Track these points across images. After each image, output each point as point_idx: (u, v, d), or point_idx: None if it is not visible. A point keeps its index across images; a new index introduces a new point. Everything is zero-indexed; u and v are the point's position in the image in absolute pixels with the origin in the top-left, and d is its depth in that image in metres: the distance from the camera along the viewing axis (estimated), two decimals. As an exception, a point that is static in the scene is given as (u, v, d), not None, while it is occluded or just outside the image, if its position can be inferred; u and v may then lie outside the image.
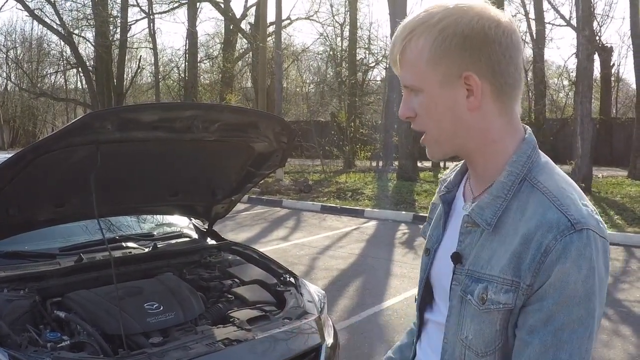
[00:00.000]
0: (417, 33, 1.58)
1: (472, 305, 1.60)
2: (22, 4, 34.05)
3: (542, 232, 1.49)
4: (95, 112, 3.47)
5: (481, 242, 1.62)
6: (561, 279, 1.46)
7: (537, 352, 1.48)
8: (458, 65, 1.56)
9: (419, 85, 1.61)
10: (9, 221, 4.01)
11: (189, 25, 33.96)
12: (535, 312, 1.49)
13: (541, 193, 1.57)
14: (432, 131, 1.65)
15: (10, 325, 3.53)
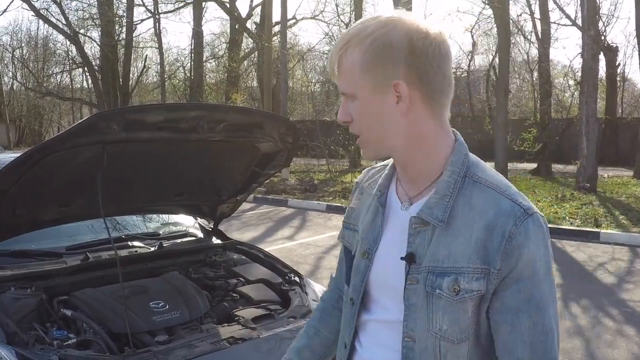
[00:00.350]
0: (352, 44, 1.71)
1: (443, 298, 1.70)
2: (28, 3, 34.13)
3: (502, 220, 1.67)
4: (101, 112, 3.50)
5: (435, 240, 1.73)
6: (530, 260, 1.67)
7: (529, 328, 1.68)
8: (388, 74, 1.69)
9: (353, 92, 1.73)
10: (16, 221, 4.04)
11: (195, 25, 34.04)
12: (515, 294, 1.68)
13: (486, 187, 1.74)
14: (365, 134, 1.78)
15: (17, 323, 3.56)
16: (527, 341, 1.68)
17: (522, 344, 1.69)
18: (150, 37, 40.22)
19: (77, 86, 50.51)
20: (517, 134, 23.58)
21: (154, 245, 5.07)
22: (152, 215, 5.70)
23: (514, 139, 22.79)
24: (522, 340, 1.69)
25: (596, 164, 18.80)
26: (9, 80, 49.55)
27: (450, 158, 1.78)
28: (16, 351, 3.25)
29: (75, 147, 3.53)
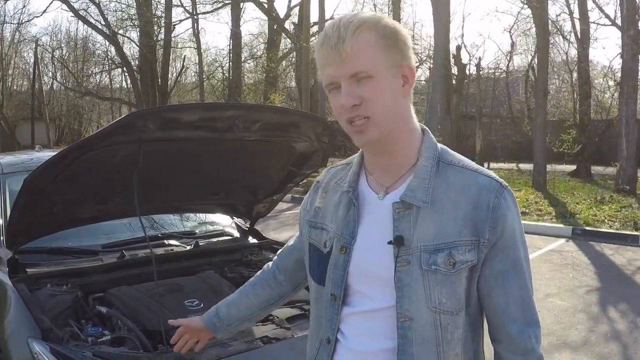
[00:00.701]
0: (366, 28, 1.80)
1: (439, 273, 1.84)
2: (67, 4, 34.48)
3: (484, 194, 1.86)
4: (137, 111, 3.52)
5: (420, 220, 1.87)
6: (511, 228, 1.88)
7: (518, 289, 1.91)
8: (397, 57, 1.84)
9: (371, 72, 1.80)
10: (53, 219, 4.08)
11: (233, 26, 34.16)
12: (503, 260, 1.89)
13: (460, 167, 1.92)
14: (377, 114, 1.83)
15: (52, 319, 3.59)
16: (517, 301, 1.91)
17: (515, 304, 1.91)
18: (189, 37, 40.43)
19: (117, 86, 51.06)
20: (557, 136, 23.35)
21: (190, 244, 5.11)
22: (189, 214, 5.74)
23: (553, 140, 22.59)
24: (514, 300, 1.91)
25: (636, 165, 18.56)
26: (49, 80, 50.26)
27: (423, 146, 1.95)
28: (51, 347, 3.28)
29: (112, 146, 3.55)
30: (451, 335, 1.89)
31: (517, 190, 18.66)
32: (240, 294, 2.60)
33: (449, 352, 1.90)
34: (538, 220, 14.23)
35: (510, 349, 1.96)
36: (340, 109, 1.84)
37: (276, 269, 2.52)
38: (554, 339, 6.87)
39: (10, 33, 47.33)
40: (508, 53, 32.50)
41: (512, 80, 34.54)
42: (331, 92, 1.87)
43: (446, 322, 1.87)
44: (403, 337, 1.88)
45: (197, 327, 2.69)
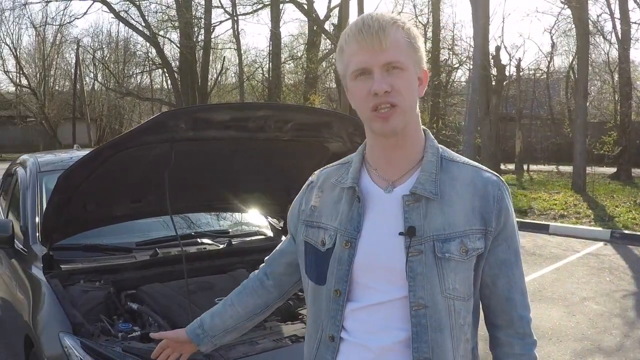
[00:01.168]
0: (398, 25, 1.91)
1: (453, 260, 1.93)
2: (108, 6, 34.79)
3: (490, 187, 1.99)
4: (169, 111, 3.57)
5: (430, 212, 1.96)
6: (511, 218, 2.02)
7: (519, 276, 2.06)
8: (419, 58, 1.96)
9: (404, 64, 1.90)
10: (87, 216, 4.16)
11: (272, 27, 34.23)
12: (506, 249, 2.02)
13: (461, 163, 2.04)
14: (404, 104, 1.91)
15: (84, 315, 3.66)
16: (519, 287, 2.05)
17: (517, 291, 2.05)
18: (229, 38, 40.61)
19: (157, 87, 51.49)
20: (597, 137, 23.12)
21: (223, 242, 5.16)
22: (223, 213, 5.78)
23: (593, 142, 22.38)
24: (517, 287, 2.05)
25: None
26: (90, 81, 50.85)
27: (427, 143, 2.05)
28: (81, 341, 3.36)
29: (144, 145, 3.61)
30: (463, 320, 1.99)
31: (556, 193, 18.54)
32: (224, 304, 2.57)
33: (461, 337, 1.99)
34: (576, 223, 14.10)
35: (511, 334, 2.06)
36: (368, 95, 1.89)
37: (264, 275, 2.49)
38: (588, 344, 6.80)
39: (53, 34, 48.07)
40: (549, 54, 32.29)
41: (553, 82, 34.26)
42: (357, 79, 1.92)
43: (459, 308, 1.96)
44: (417, 325, 1.93)
45: (181, 340, 2.62)
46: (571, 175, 20.64)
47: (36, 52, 49.42)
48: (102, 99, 50.87)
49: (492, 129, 22.56)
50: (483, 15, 22.37)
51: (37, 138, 47.44)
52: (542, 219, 14.90)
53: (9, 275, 4.95)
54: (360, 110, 1.96)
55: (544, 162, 29.99)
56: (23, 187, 5.42)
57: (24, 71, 48.75)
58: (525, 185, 21.71)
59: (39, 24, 46.99)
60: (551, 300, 8.38)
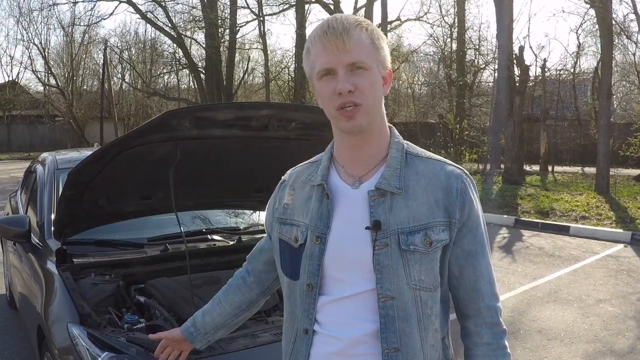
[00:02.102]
0: (362, 26, 1.98)
1: (418, 252, 1.99)
2: (134, 7, 35.00)
3: (453, 179, 2.05)
4: (171, 110, 3.66)
5: (395, 206, 2.02)
6: (475, 210, 2.08)
7: (485, 266, 2.10)
8: (383, 58, 2.04)
9: (368, 64, 1.97)
10: (98, 212, 4.28)
11: (297, 27, 34.30)
12: (472, 240, 2.08)
13: (427, 158, 2.11)
14: (368, 103, 1.98)
15: (94, 306, 3.80)
16: (486, 277, 2.10)
17: (484, 280, 2.10)
18: (255, 38, 40.77)
19: (184, 87, 51.72)
20: (624, 139, 22.97)
21: (233, 239, 5.27)
22: (234, 210, 5.89)
23: (619, 143, 22.22)
24: (483, 277, 2.10)
25: None
26: (118, 81, 51.21)
27: (392, 140, 2.12)
28: (88, 332, 3.49)
29: (149, 144, 3.72)
30: (430, 310, 2.03)
31: (579, 194, 18.46)
32: (213, 302, 2.68)
33: (429, 326, 2.04)
34: (597, 224, 14.03)
35: (479, 323, 2.11)
36: (333, 95, 1.96)
37: (246, 272, 2.61)
38: (600, 345, 6.80)
39: (80, 34, 48.46)
40: (574, 54, 32.09)
41: (579, 83, 34.04)
42: (322, 79, 1.99)
43: (426, 298, 2.02)
44: (385, 317, 2.00)
45: (177, 339, 2.74)
46: (595, 176, 20.53)
47: (64, 52, 49.82)
48: (130, 98, 51.20)
49: (515, 130, 22.45)
50: (507, 15, 22.30)
51: (65, 137, 47.90)
52: (564, 220, 14.83)
53: (26, 269, 5.11)
54: (326, 110, 2.03)
55: (569, 164, 29.81)
56: (41, 183, 5.59)
57: (52, 71, 49.17)
58: (548, 186, 21.61)
59: (67, 25, 47.46)
60: (566, 302, 8.38)
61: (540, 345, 6.75)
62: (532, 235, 13.71)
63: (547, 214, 15.61)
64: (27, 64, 54.44)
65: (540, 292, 8.95)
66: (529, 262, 10.82)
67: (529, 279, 9.67)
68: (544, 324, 7.39)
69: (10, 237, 5.18)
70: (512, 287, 9.23)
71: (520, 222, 14.97)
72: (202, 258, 4.68)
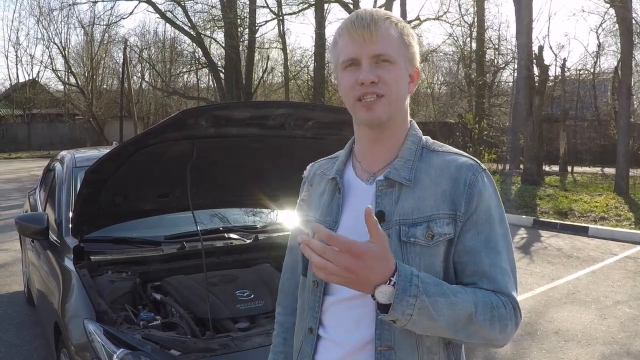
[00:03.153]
0: (393, 20, 1.95)
1: (418, 245, 1.88)
2: (154, 6, 35.05)
3: (464, 171, 1.93)
4: (188, 109, 3.68)
5: (402, 198, 1.93)
6: (486, 206, 1.92)
7: (491, 265, 1.89)
8: (412, 56, 1.99)
9: (394, 58, 1.92)
10: (115, 210, 4.31)
11: (317, 27, 34.33)
12: (475, 236, 1.91)
13: (443, 152, 2.02)
14: (392, 95, 1.93)
15: (110, 303, 3.83)
16: (489, 278, 1.88)
17: (486, 280, 1.88)
18: (275, 38, 40.80)
19: (203, 86, 51.87)
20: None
21: (250, 237, 5.27)
22: (252, 209, 5.90)
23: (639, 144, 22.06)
24: (486, 276, 1.88)
25: None
26: (138, 80, 51.45)
27: (409, 132, 2.05)
28: (104, 328, 3.52)
29: (166, 142, 3.74)
30: None
31: (598, 195, 18.36)
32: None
33: None
34: (616, 225, 13.95)
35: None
36: (355, 85, 1.91)
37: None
38: (617, 347, 6.76)
39: (100, 34, 48.71)
40: (595, 53, 31.91)
41: (599, 82, 33.87)
42: (347, 69, 1.94)
43: None
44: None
45: None
46: (614, 177, 20.41)
47: (84, 51, 50.08)
48: (149, 97, 51.44)
49: (535, 130, 22.35)
50: (527, 14, 22.20)
51: (84, 136, 48.15)
52: (582, 221, 14.76)
53: (44, 266, 5.15)
54: (346, 100, 1.98)
55: (589, 164, 29.63)
56: (59, 181, 5.63)
57: (72, 70, 49.42)
58: (567, 187, 21.50)
59: (87, 24, 47.69)
60: (584, 303, 8.34)
61: (557, 347, 6.71)
62: (551, 235, 13.65)
63: (565, 214, 15.54)
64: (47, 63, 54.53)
65: (558, 293, 8.90)
66: (547, 263, 10.77)
67: (547, 280, 9.63)
68: (562, 325, 7.35)
69: (28, 235, 5.23)
70: (530, 288, 9.19)
71: (539, 223, 14.91)
72: (219, 256, 4.70)
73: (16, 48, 60.39)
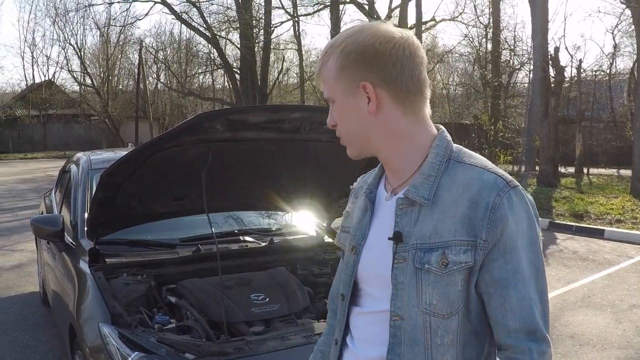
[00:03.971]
0: (328, 54, 1.88)
1: (432, 273, 1.77)
2: (169, 7, 35.19)
3: (486, 192, 1.75)
4: (204, 113, 3.70)
5: (421, 218, 1.82)
6: (514, 231, 1.75)
7: (517, 300, 1.76)
8: (356, 77, 1.84)
9: (332, 97, 1.89)
10: (131, 212, 4.33)
11: (332, 28, 34.30)
12: (502, 267, 1.76)
13: (470, 165, 1.84)
14: (344, 134, 1.91)
15: (125, 306, 3.84)
16: (516, 312, 1.76)
17: (512, 315, 1.76)
18: (290, 39, 40.87)
19: (219, 86, 52.02)
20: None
21: (265, 240, 5.28)
22: (267, 212, 5.90)
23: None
24: (512, 311, 1.76)
25: None
26: (153, 81, 51.64)
27: (433, 143, 1.89)
28: (119, 331, 3.54)
29: (181, 146, 3.75)
30: (441, 340, 1.81)
31: (614, 197, 18.26)
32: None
33: (437, 357, 1.82)
34: (632, 228, 13.87)
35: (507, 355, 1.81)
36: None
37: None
38: (633, 352, 6.72)
39: (116, 35, 48.96)
40: (610, 55, 31.76)
41: (615, 83, 33.71)
42: None
43: (436, 326, 1.80)
44: (393, 337, 1.85)
45: None
46: (630, 179, 20.29)
47: (100, 52, 50.39)
48: (165, 98, 51.65)
49: (550, 131, 22.26)
50: (542, 15, 22.12)
51: (100, 136, 48.51)
52: (598, 223, 14.69)
53: (59, 267, 5.18)
54: None
55: (605, 166, 29.49)
56: (75, 183, 5.67)
57: (88, 71, 49.75)
58: (583, 189, 21.40)
59: (102, 25, 47.97)
60: (599, 307, 8.29)
61: (572, 351, 6.68)
62: (566, 238, 13.60)
63: (581, 217, 15.46)
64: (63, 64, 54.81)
65: (574, 296, 8.85)
66: (563, 266, 10.72)
67: (562, 283, 9.58)
68: (577, 329, 7.31)
69: (44, 236, 5.26)
70: (545, 291, 9.11)
71: (554, 225, 14.84)
72: (234, 259, 4.71)
73: (32, 49, 60.39)
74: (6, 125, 48.46)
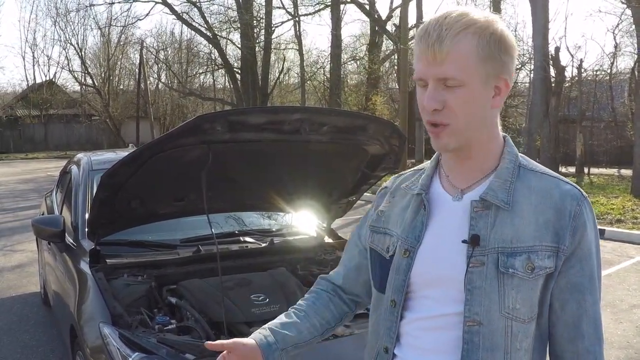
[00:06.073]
0: (471, 32, 1.72)
1: (516, 277, 1.78)
2: (170, 7, 35.24)
3: (568, 201, 1.81)
4: (204, 115, 3.70)
5: (498, 222, 1.82)
6: (589, 238, 1.82)
7: (592, 304, 1.84)
8: (498, 68, 1.76)
9: (463, 80, 1.73)
10: (132, 213, 4.33)
11: (333, 27, 34.36)
12: (579, 272, 1.82)
13: (541, 173, 1.88)
14: (458, 124, 1.78)
15: (126, 307, 3.86)
16: (590, 316, 1.84)
17: (587, 319, 1.83)
18: (291, 39, 40.88)
19: (220, 87, 52.01)
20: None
21: (265, 241, 5.29)
22: (267, 213, 5.91)
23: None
24: (587, 315, 1.83)
25: None
26: (154, 81, 51.67)
27: (505, 150, 1.90)
28: (119, 332, 3.56)
29: (181, 147, 3.76)
30: (520, 344, 1.82)
31: (615, 197, 18.23)
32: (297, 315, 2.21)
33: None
34: (632, 228, 13.86)
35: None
36: (422, 109, 1.81)
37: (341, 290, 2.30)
38: (633, 352, 6.73)
39: (117, 35, 48.99)
40: (611, 54, 31.74)
41: (616, 83, 33.69)
42: (419, 86, 1.82)
43: (517, 330, 1.80)
44: (469, 342, 1.81)
45: (247, 352, 2.05)
46: (631, 179, 20.27)
47: (101, 52, 50.49)
48: (166, 98, 51.67)
49: (551, 131, 22.26)
50: (542, 15, 22.10)
51: (101, 136, 48.61)
52: (598, 223, 14.32)
53: (60, 268, 5.20)
54: (423, 119, 1.85)
55: (606, 166, 29.48)
56: (75, 184, 5.68)
57: (89, 71, 49.91)
58: (584, 188, 21.28)
59: (103, 25, 48.04)
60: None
61: (572, 351, 6.66)
62: (567, 238, 13.49)
63: (582, 217, 15.40)
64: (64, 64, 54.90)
65: (574, 296, 8.79)
66: (563, 266, 10.65)
67: (562, 283, 9.51)
68: (577, 328, 7.23)
69: (45, 237, 5.28)
70: (545, 291, 9.10)
71: (555, 225, 14.72)
72: (234, 260, 4.72)
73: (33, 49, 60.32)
74: (7, 125, 48.52)
